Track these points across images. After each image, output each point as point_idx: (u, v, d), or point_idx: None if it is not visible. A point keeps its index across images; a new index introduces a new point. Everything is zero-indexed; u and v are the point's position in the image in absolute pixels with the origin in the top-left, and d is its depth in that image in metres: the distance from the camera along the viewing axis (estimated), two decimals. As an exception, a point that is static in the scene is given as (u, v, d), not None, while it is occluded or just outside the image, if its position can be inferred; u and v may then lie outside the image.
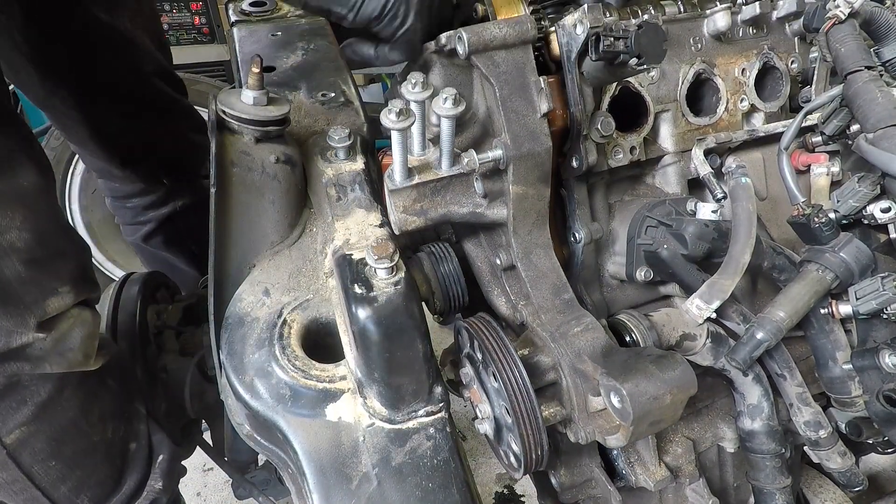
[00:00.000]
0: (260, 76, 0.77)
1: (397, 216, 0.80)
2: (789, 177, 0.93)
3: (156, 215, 1.70)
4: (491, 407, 0.77)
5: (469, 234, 0.95)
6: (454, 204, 0.82)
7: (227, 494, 2.01)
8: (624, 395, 0.66)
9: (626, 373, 0.68)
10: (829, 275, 0.83)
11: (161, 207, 1.70)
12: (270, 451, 0.78)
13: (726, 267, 0.82)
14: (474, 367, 0.79)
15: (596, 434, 0.74)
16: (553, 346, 0.77)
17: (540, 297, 0.83)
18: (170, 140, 1.61)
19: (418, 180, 0.78)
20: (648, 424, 0.69)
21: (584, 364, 0.73)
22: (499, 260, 0.87)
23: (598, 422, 0.74)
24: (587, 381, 0.73)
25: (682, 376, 0.69)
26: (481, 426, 0.79)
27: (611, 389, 0.68)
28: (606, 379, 0.69)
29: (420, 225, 0.81)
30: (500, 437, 0.78)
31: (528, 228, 0.85)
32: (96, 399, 0.97)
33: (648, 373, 0.68)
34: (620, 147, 0.93)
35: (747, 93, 1.03)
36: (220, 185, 0.80)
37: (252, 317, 0.77)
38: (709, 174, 0.95)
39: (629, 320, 0.84)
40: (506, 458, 0.80)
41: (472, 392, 0.82)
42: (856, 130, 0.92)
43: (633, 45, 0.72)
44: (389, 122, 0.68)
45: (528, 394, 0.70)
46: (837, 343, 0.87)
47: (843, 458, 0.88)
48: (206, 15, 3.32)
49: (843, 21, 0.91)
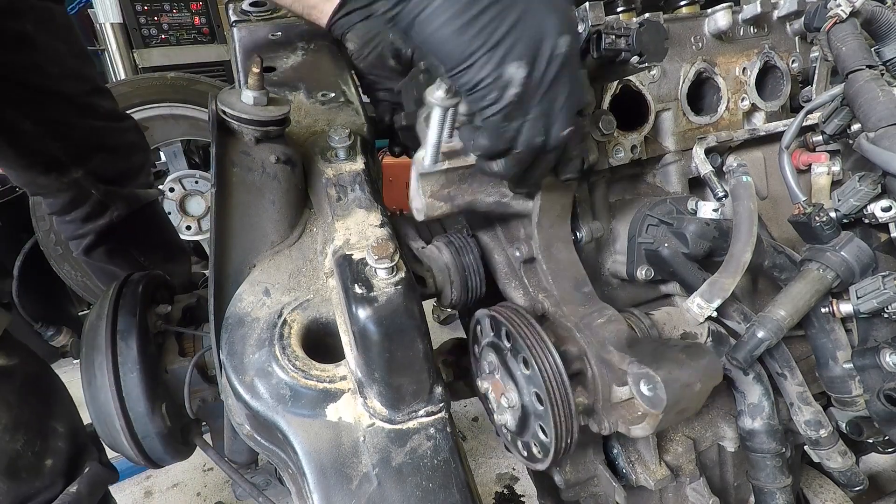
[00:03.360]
0: (260, 76, 0.77)
1: (424, 201, 0.77)
2: (790, 176, 0.93)
3: (94, 227, 1.68)
4: (519, 395, 0.76)
5: (485, 226, 0.94)
6: (481, 192, 0.80)
7: (227, 494, 2.02)
8: (658, 382, 0.65)
9: (658, 360, 0.68)
10: (830, 274, 0.83)
11: (98, 219, 1.68)
12: (270, 451, 0.78)
13: (727, 266, 0.82)
14: (500, 356, 0.78)
15: (619, 425, 0.73)
16: (579, 335, 0.77)
17: (561, 289, 0.83)
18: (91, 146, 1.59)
19: (448, 165, 0.76)
20: (676, 413, 0.69)
21: (610, 354, 0.73)
22: (518, 252, 0.87)
23: (620, 412, 0.74)
24: (612, 370, 0.73)
25: (711, 364, 0.69)
26: (502, 416, 0.78)
27: (641, 377, 0.68)
28: (637, 367, 0.68)
29: (446, 211, 0.79)
30: (526, 426, 0.77)
31: (552, 221, 0.85)
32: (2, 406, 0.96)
33: (679, 360, 0.67)
34: (621, 146, 0.93)
35: (748, 92, 1.03)
36: (221, 185, 0.80)
37: (252, 317, 0.77)
38: (710, 173, 0.95)
39: (630, 318, 0.84)
40: (528, 450, 0.79)
41: (493, 382, 0.80)
42: (856, 129, 0.92)
43: (634, 43, 0.72)
44: (436, 99, 0.66)
45: (563, 379, 0.70)
46: (838, 342, 0.87)
47: (843, 457, 0.88)
48: (206, 15, 3.33)
49: (844, 20, 0.91)
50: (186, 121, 2.82)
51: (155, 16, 3.19)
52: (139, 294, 1.09)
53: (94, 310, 1.10)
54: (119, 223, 1.71)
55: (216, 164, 0.79)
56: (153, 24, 3.19)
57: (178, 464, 1.68)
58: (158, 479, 2.11)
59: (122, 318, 1.04)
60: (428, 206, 0.78)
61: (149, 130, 2.77)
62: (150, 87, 2.72)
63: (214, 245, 0.80)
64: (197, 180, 2.95)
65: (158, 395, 1.04)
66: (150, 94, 2.70)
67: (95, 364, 1.02)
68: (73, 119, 1.53)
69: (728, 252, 0.84)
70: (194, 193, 2.96)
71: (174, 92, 2.75)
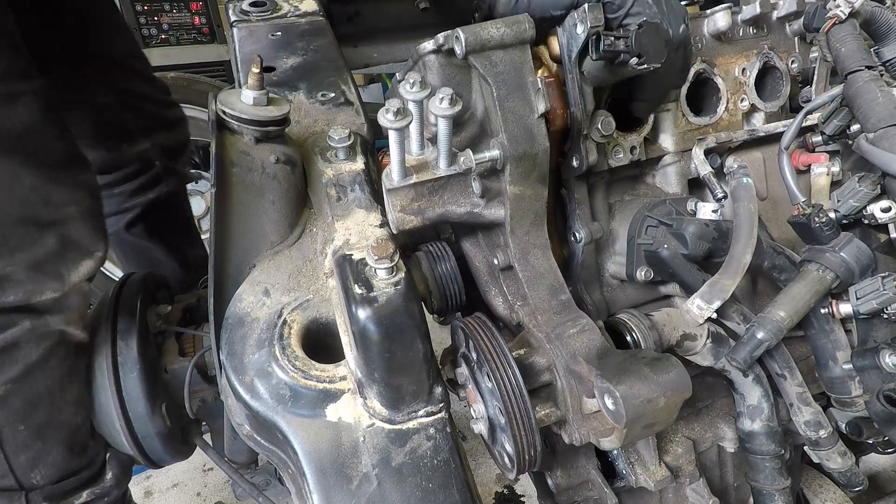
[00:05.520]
0: (260, 76, 0.77)
1: (395, 215, 0.79)
2: (790, 176, 0.93)
3: (142, 201, 1.73)
4: (485, 407, 0.77)
5: (468, 233, 0.95)
6: (452, 204, 0.82)
7: (226, 494, 2.02)
8: (617, 398, 0.65)
9: (621, 375, 0.67)
10: (830, 274, 0.83)
11: (148, 192, 1.72)
12: (270, 451, 0.78)
13: (727, 267, 0.82)
14: (469, 367, 0.79)
15: (590, 436, 0.74)
16: (548, 346, 0.77)
17: (536, 297, 0.83)
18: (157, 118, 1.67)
19: (416, 179, 0.77)
20: (642, 427, 0.69)
21: (580, 365, 0.73)
22: (496, 260, 0.87)
23: (592, 423, 0.74)
24: (582, 382, 0.73)
25: (677, 379, 0.68)
26: (476, 426, 0.79)
27: (604, 391, 0.68)
28: (600, 381, 0.69)
29: (417, 224, 0.80)
30: (495, 437, 0.78)
31: (526, 229, 0.85)
32: (74, 380, 1.01)
33: (642, 375, 0.67)
34: (621, 147, 0.92)
35: (747, 92, 1.03)
36: (220, 186, 0.80)
37: (252, 317, 0.77)
38: (709, 174, 0.95)
39: (630, 320, 0.84)
40: (500, 459, 0.80)
41: (467, 392, 0.82)
42: (856, 130, 0.92)
43: (633, 45, 0.72)
44: (387, 121, 0.68)
45: (522, 394, 0.70)
46: (838, 343, 0.87)
47: (843, 457, 0.88)
48: (206, 15, 3.32)
49: (843, 21, 0.91)
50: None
51: (155, 16, 3.19)
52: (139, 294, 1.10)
53: (94, 310, 1.10)
54: (165, 199, 1.76)
55: (216, 164, 0.79)
56: (153, 24, 3.18)
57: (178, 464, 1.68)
58: (158, 479, 2.10)
59: (122, 319, 1.05)
60: (398, 220, 0.79)
61: (149, 130, 2.79)
62: (150, 87, 2.73)
63: (214, 245, 0.80)
64: (197, 180, 2.94)
65: (158, 395, 1.04)
66: (150, 94, 2.70)
67: (95, 364, 1.03)
68: (143, 91, 1.61)
69: (728, 253, 0.84)
70: (194, 193, 2.95)
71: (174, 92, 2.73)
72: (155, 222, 1.78)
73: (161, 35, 3.21)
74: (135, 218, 1.75)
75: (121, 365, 1.01)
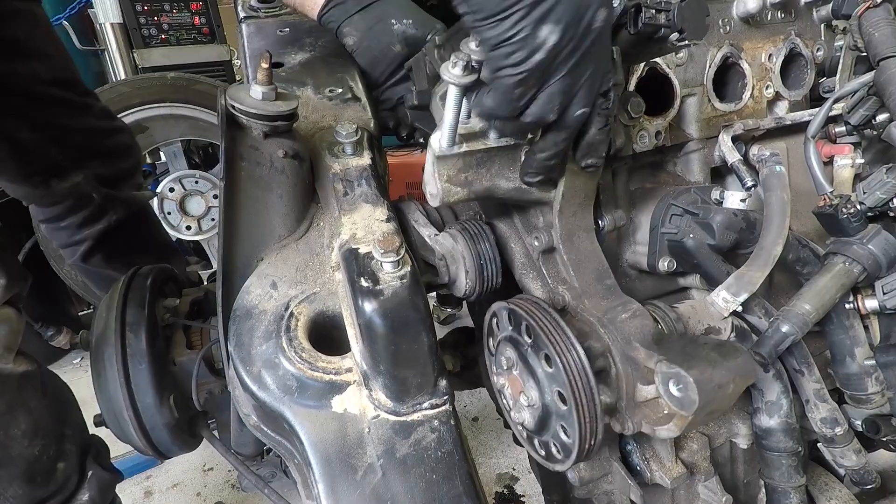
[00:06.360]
0: (268, 72, 0.77)
1: (440, 185, 0.72)
2: (816, 166, 0.90)
3: (91, 233, 1.65)
4: (540, 394, 0.73)
5: (500, 213, 0.90)
6: (500, 178, 0.75)
7: (227, 494, 2.02)
8: (690, 383, 0.62)
9: (689, 360, 0.65)
10: (857, 267, 0.80)
11: (95, 224, 1.65)
12: (277, 441, 0.79)
13: (756, 258, 0.79)
14: (519, 352, 0.75)
15: (643, 424, 0.71)
16: (602, 331, 0.74)
17: (583, 281, 0.80)
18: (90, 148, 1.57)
19: (466, 148, 0.71)
20: (706, 414, 0.66)
21: (636, 351, 0.70)
22: (537, 241, 0.83)
23: (644, 412, 0.71)
24: (637, 369, 0.70)
25: (745, 364, 0.66)
26: (520, 415, 0.75)
27: (670, 377, 0.65)
28: (667, 366, 0.65)
29: (463, 197, 0.74)
30: (546, 426, 0.74)
31: (574, 209, 0.81)
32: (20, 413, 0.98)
33: (712, 360, 0.65)
34: (646, 131, 0.88)
35: (773, 79, 0.99)
36: (229, 180, 0.80)
37: (260, 309, 0.78)
38: (738, 161, 0.91)
39: (655, 311, 0.81)
40: (544, 450, 0.77)
41: (510, 379, 0.77)
42: (882, 120, 0.88)
43: (675, 19, 0.64)
44: (452, 75, 0.61)
45: (588, 378, 0.67)
46: (856, 339, 0.84)
47: (857, 455, 0.86)
48: (206, 15, 3.32)
49: (877, 5, 0.87)
50: (186, 121, 2.82)
51: (155, 16, 3.19)
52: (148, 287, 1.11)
53: (103, 302, 1.11)
54: (116, 227, 1.69)
55: (225, 159, 0.80)
56: (153, 24, 3.18)
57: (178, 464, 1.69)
58: (158, 479, 2.09)
59: (131, 311, 1.06)
60: (444, 191, 0.72)
61: (149, 130, 2.78)
62: (151, 87, 2.72)
63: (222, 238, 0.81)
64: (197, 180, 2.94)
65: (166, 387, 1.05)
66: (150, 95, 2.70)
67: (105, 356, 1.04)
68: (71, 122, 1.51)
69: (757, 244, 0.80)
70: (194, 193, 2.95)
71: (174, 92, 2.74)
72: (112, 250, 1.72)
73: (161, 35, 3.21)
74: (89, 249, 1.69)
75: (130, 357, 1.02)
